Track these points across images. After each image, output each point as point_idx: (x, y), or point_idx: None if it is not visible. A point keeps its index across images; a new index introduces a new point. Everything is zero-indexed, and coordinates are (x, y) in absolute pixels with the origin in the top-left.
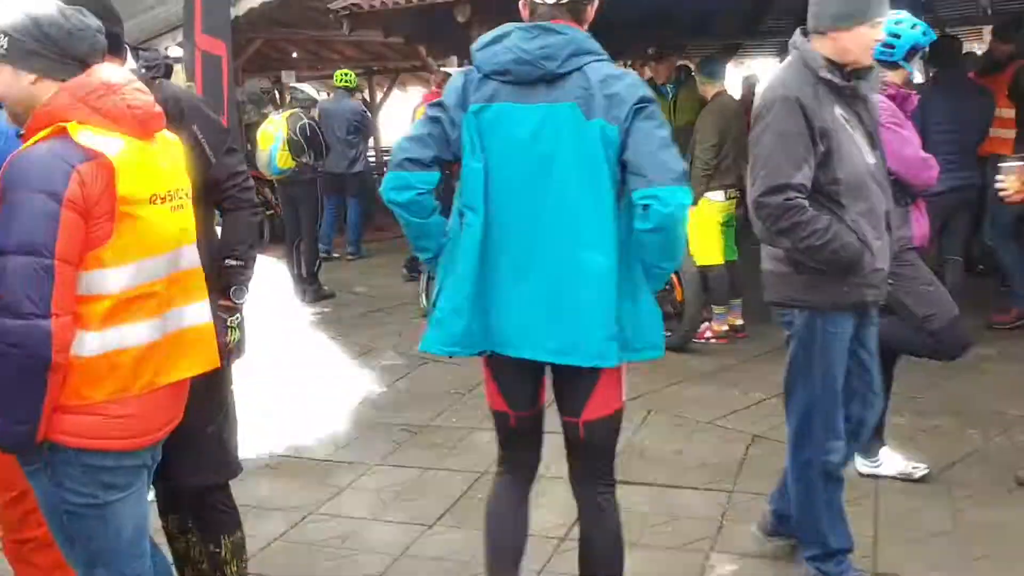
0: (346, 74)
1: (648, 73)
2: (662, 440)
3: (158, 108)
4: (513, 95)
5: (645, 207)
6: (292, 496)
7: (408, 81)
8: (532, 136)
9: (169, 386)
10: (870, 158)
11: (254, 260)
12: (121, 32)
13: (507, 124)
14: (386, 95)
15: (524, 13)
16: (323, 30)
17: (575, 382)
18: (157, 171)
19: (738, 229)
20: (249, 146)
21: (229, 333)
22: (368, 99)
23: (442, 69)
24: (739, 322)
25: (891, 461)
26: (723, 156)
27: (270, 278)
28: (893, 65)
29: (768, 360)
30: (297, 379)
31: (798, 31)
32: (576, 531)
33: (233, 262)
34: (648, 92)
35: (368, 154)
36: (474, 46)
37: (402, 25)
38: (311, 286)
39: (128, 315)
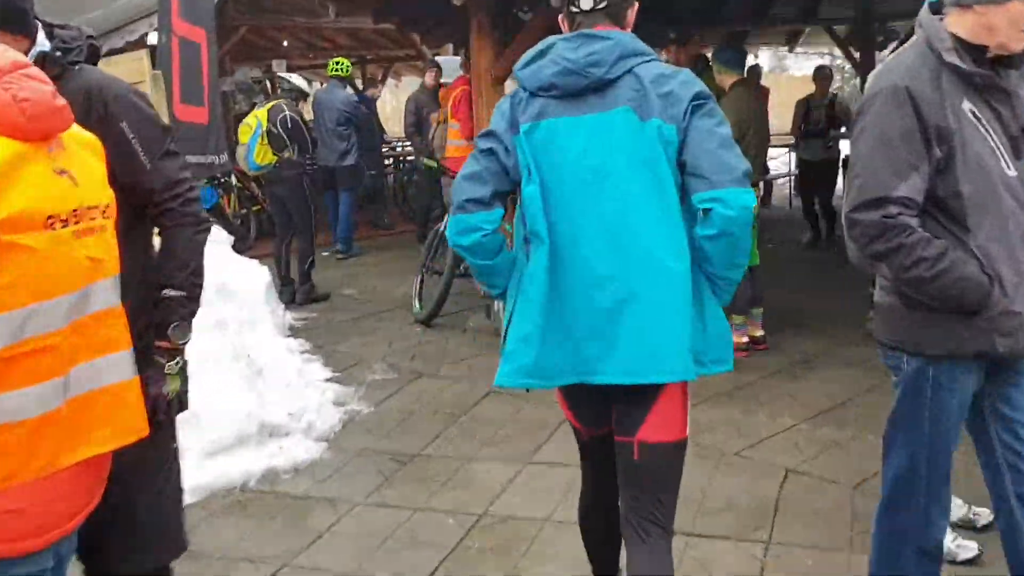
0: (338, 62)
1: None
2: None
3: (61, 101)
4: (561, 109)
5: (707, 211)
6: (263, 542)
7: (403, 71)
8: (584, 148)
9: (77, 466)
10: (1009, 168)
11: (199, 289)
12: (26, 4)
13: (559, 140)
14: (380, 85)
15: (564, 28)
16: (313, 17)
17: (634, 399)
18: (56, 184)
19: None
20: (235, 139)
21: (168, 382)
22: (361, 89)
23: (437, 59)
24: (759, 333)
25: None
26: (744, 150)
27: (252, 280)
28: None
29: (792, 376)
30: (273, 397)
31: (926, 5)
32: None
33: (173, 292)
34: (704, 88)
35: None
36: (516, 65)
37: (393, 9)
38: (303, 286)
39: (14, 378)
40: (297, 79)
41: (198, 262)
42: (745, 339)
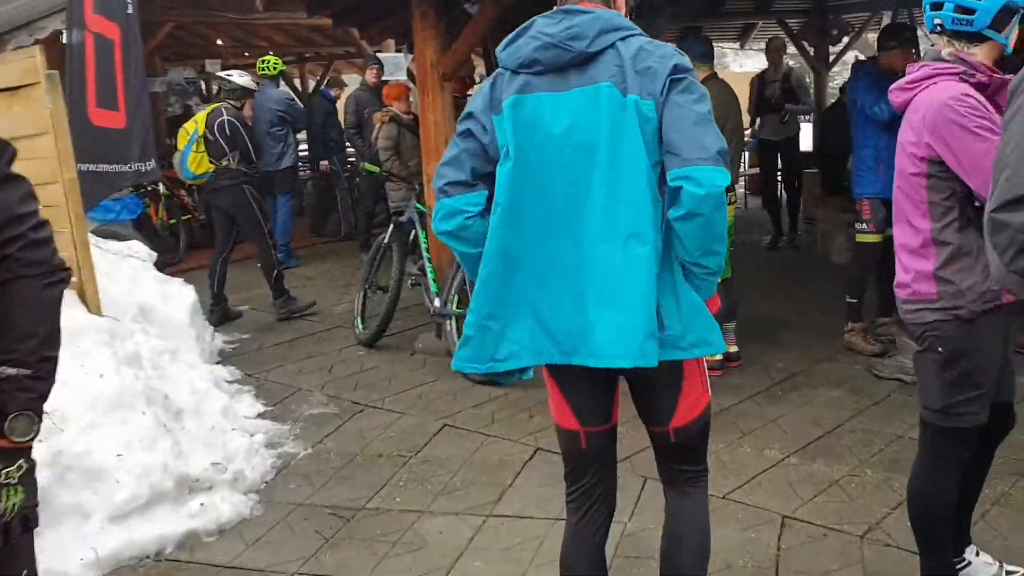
0: (265, 61)
1: None
2: None
3: None
4: (545, 85)
5: (678, 190)
6: None
7: (343, 68)
8: (569, 125)
9: None
10: None
11: (53, 364)
12: None
13: (542, 116)
14: (319, 84)
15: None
16: (245, 12)
17: (658, 389)
18: None
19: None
20: (171, 140)
21: (5, 496)
22: (300, 88)
23: (378, 55)
24: (733, 349)
25: (979, 564)
26: None
27: (176, 302)
28: (976, 38)
29: (773, 398)
30: (194, 444)
31: None
32: None
33: (13, 371)
34: (684, 61)
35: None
36: (498, 48)
37: (328, 0)
38: (277, 300)
39: None
40: (240, 77)
41: (50, 327)
42: (719, 356)
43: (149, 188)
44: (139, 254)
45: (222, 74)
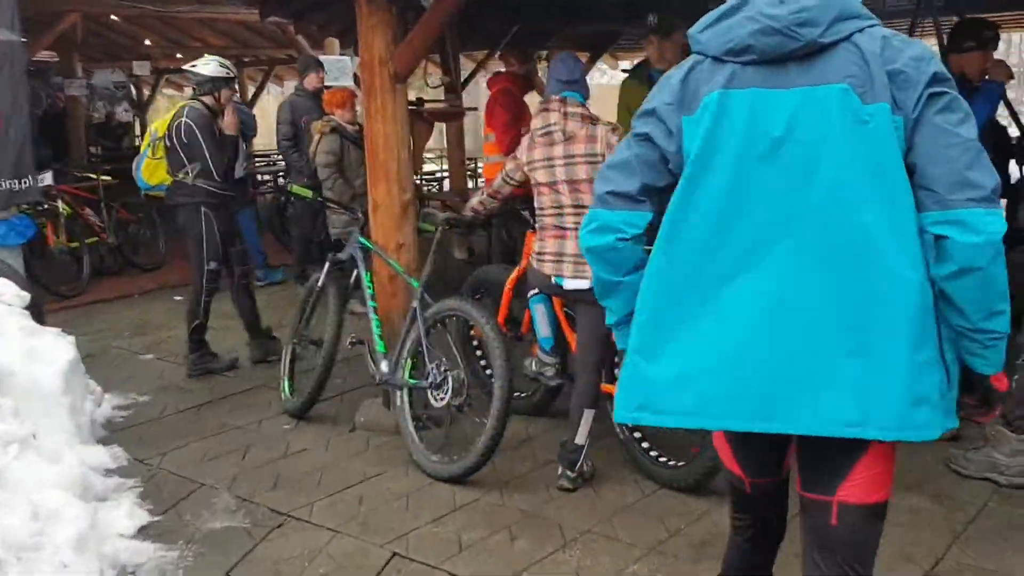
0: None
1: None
2: None
3: None
4: (758, 78)
5: (940, 239)
6: None
7: (285, 74)
8: (788, 130)
9: None
10: None
11: None
12: None
13: (753, 116)
14: (259, 90)
15: None
16: (166, 4)
17: (830, 450)
18: None
19: None
20: (96, 149)
21: None
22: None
23: (321, 58)
24: None
25: None
26: None
27: (44, 363)
28: None
29: None
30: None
31: None
32: None
33: None
34: (943, 69)
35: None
36: (694, 29)
37: None
38: (191, 355)
39: None
40: (206, 66)
41: None
42: None
43: (46, 206)
44: (4, 296)
45: (187, 67)
